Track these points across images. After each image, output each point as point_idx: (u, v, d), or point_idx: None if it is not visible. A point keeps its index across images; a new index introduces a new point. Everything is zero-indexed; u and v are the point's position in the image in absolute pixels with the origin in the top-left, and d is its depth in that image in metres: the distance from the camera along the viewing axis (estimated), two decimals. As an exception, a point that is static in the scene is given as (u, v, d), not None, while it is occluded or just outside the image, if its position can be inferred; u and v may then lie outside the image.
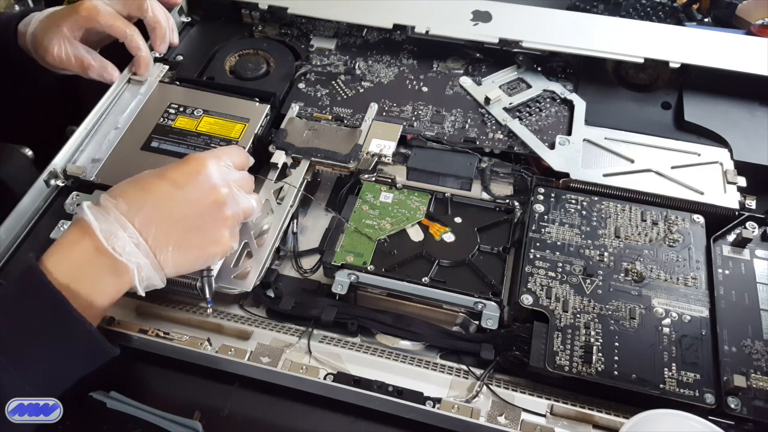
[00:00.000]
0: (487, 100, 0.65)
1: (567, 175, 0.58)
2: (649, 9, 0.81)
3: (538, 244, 0.53)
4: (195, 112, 0.63)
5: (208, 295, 0.50)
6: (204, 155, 0.50)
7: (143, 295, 0.46)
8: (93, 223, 0.44)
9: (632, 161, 0.59)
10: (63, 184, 0.59)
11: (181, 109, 0.63)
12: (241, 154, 0.54)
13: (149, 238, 0.45)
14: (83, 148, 0.60)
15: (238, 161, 0.53)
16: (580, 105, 0.64)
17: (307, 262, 0.57)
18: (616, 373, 0.46)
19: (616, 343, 0.47)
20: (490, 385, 0.48)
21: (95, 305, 0.44)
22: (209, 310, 0.52)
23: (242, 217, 0.50)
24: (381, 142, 0.61)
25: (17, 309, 0.42)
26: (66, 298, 0.42)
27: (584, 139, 0.61)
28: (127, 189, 0.47)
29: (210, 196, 0.48)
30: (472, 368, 0.50)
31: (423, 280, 0.52)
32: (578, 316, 0.49)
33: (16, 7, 0.82)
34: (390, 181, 0.60)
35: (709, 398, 0.45)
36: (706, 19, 0.82)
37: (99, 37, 0.65)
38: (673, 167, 0.58)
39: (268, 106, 0.63)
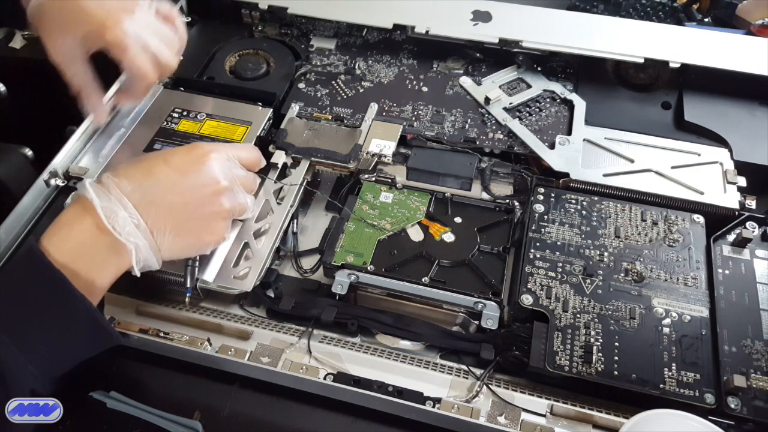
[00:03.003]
0: (487, 100, 0.65)
1: (567, 175, 0.58)
2: (649, 9, 0.81)
3: (538, 244, 0.53)
4: (198, 116, 0.63)
5: (188, 284, 0.50)
6: (211, 146, 0.51)
7: (138, 275, 0.46)
8: (94, 200, 0.44)
9: (632, 161, 0.59)
10: (63, 184, 0.59)
11: (185, 113, 0.63)
12: (251, 153, 0.54)
13: (149, 219, 0.45)
14: (86, 150, 0.61)
15: (247, 159, 0.53)
16: (580, 105, 0.64)
17: (307, 262, 0.57)
18: (616, 373, 0.46)
19: (616, 343, 0.47)
20: (490, 385, 0.48)
21: (95, 284, 0.44)
22: (187, 299, 0.51)
23: (237, 213, 0.51)
24: (381, 142, 0.60)
25: (19, 290, 0.42)
26: (66, 277, 0.42)
27: (584, 139, 0.61)
28: (130, 170, 0.47)
29: (211, 187, 0.48)
30: (472, 368, 0.50)
31: (423, 280, 0.52)
32: (578, 316, 0.49)
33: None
34: (390, 181, 0.60)
35: (709, 398, 0.45)
36: (706, 19, 0.82)
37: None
38: (673, 167, 0.58)
39: (271, 110, 0.63)
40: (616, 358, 0.47)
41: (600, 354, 0.47)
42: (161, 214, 0.46)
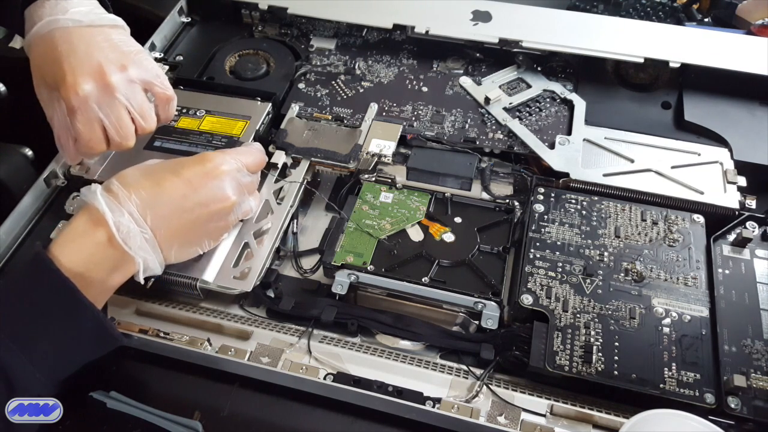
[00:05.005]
0: (487, 100, 0.65)
1: (567, 175, 0.58)
2: (649, 9, 0.81)
3: (538, 243, 0.53)
4: (197, 113, 0.63)
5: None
6: (221, 158, 0.50)
7: (142, 282, 0.47)
8: (107, 214, 0.44)
9: (632, 161, 0.59)
10: (63, 185, 0.59)
11: (184, 110, 0.63)
12: (256, 156, 0.54)
13: (159, 234, 0.46)
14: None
15: (253, 164, 0.53)
16: (580, 105, 0.64)
17: (307, 262, 0.57)
18: (616, 373, 0.46)
19: (616, 343, 0.47)
20: (490, 385, 0.48)
21: (102, 292, 0.45)
22: (147, 284, 0.50)
23: (240, 218, 0.52)
24: (381, 142, 0.60)
25: (27, 297, 0.42)
26: (75, 285, 0.42)
27: (584, 139, 0.61)
28: (140, 181, 0.47)
29: (221, 203, 0.49)
30: (472, 368, 0.50)
31: (423, 280, 0.52)
32: (578, 315, 0.49)
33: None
34: (390, 181, 0.60)
35: (709, 398, 0.45)
36: (706, 19, 0.82)
37: None
38: (673, 167, 0.58)
39: (270, 104, 0.63)
40: (616, 358, 0.47)
41: (600, 354, 0.47)
42: (171, 230, 0.47)
